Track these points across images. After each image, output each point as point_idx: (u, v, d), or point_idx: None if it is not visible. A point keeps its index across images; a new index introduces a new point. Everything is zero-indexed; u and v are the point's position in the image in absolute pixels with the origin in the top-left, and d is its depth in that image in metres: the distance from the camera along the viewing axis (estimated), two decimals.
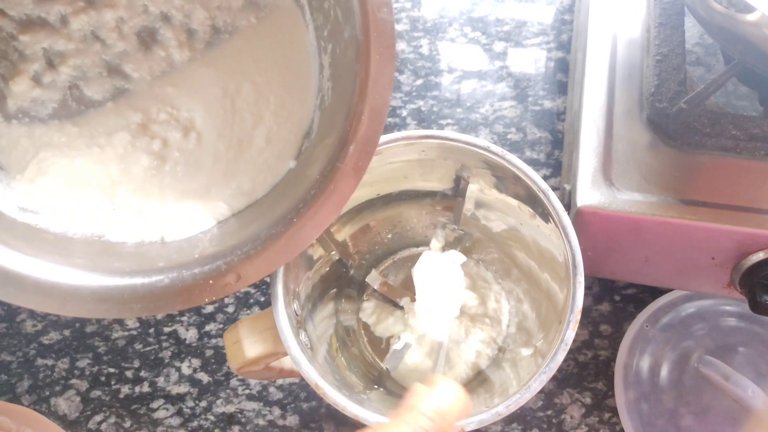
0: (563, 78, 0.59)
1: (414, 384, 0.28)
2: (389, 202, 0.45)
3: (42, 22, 0.36)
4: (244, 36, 0.38)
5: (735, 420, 0.45)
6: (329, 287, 0.44)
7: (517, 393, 0.33)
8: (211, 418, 0.48)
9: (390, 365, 0.43)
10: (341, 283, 0.46)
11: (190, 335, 0.51)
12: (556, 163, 0.55)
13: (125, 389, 0.49)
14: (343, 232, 0.45)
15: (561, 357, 0.33)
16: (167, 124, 0.37)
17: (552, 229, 0.37)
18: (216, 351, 0.50)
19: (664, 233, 0.40)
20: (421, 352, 0.43)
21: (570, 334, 0.33)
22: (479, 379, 0.43)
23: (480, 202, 0.43)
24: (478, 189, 0.42)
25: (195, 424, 0.48)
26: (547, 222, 0.38)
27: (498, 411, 0.32)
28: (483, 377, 0.43)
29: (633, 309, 0.50)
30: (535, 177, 0.37)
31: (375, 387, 0.42)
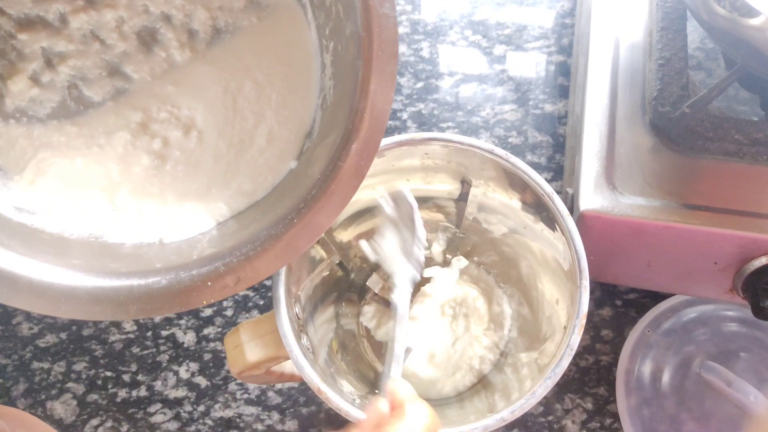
0: (564, 82, 0.59)
1: (373, 401, 0.27)
2: None
3: (41, 20, 0.36)
4: (245, 34, 0.38)
5: (737, 426, 0.44)
6: (330, 291, 0.44)
7: (522, 398, 0.32)
8: (209, 422, 0.48)
9: None
10: (342, 287, 0.46)
11: (188, 339, 0.50)
12: (557, 167, 0.55)
13: (122, 393, 0.49)
14: (345, 234, 0.44)
15: (566, 362, 0.33)
16: (168, 122, 0.37)
17: (556, 233, 0.37)
18: (214, 355, 0.50)
19: (666, 237, 0.40)
20: (423, 356, 0.42)
21: (575, 339, 0.33)
22: (481, 382, 0.43)
23: (482, 205, 0.43)
24: (481, 192, 0.42)
25: (193, 428, 0.48)
26: (551, 226, 0.37)
27: (503, 416, 0.32)
28: (485, 380, 0.43)
29: (634, 314, 0.49)
30: (540, 180, 0.37)
31: (375, 391, 0.42)
